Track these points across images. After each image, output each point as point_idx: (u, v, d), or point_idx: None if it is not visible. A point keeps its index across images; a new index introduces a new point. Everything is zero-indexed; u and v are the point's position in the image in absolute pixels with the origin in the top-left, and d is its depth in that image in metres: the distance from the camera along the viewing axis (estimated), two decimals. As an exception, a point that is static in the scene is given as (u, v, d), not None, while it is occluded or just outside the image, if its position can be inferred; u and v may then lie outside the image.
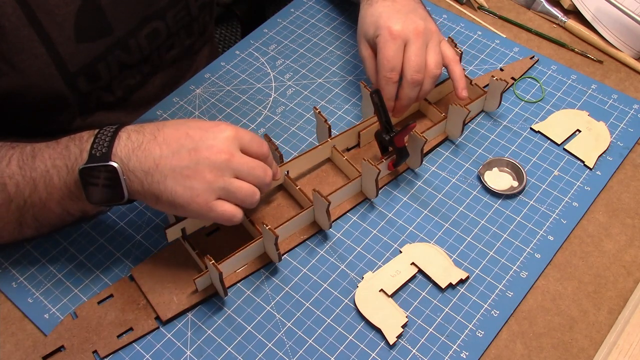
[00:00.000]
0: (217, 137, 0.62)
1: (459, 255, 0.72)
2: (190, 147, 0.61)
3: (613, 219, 0.75)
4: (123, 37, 0.80)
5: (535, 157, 0.80)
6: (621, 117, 0.84)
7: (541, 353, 0.65)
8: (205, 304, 0.69)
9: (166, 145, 0.62)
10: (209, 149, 0.61)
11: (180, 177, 0.61)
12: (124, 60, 0.82)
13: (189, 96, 0.89)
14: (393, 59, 0.74)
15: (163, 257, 0.71)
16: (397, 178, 0.79)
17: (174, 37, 0.88)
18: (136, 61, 0.84)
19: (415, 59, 0.74)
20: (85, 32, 0.75)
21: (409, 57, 0.74)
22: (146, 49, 0.84)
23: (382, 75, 0.75)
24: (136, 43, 0.82)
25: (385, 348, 0.66)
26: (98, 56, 0.78)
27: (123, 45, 0.80)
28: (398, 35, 0.74)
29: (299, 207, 0.75)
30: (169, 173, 0.61)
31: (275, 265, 0.72)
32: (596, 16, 0.92)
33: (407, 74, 0.74)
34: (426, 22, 0.77)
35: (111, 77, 0.82)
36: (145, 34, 0.82)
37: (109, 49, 0.79)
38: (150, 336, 0.67)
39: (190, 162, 0.61)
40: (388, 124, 0.74)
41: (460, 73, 0.78)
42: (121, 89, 0.85)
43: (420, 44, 0.75)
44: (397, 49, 0.74)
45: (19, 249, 0.74)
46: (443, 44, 0.78)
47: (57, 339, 0.66)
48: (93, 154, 0.61)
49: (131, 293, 0.69)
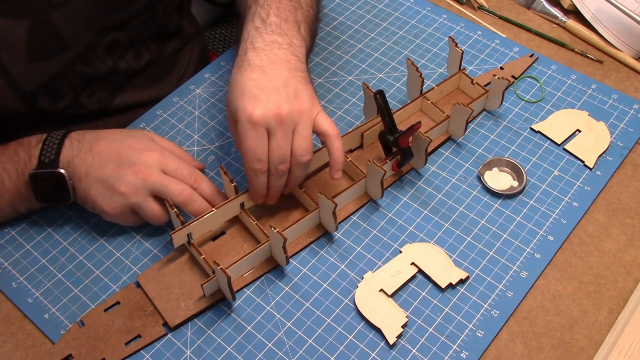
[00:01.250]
0: (141, 158, 0.69)
1: (459, 255, 0.72)
2: (116, 163, 0.69)
3: (613, 219, 0.75)
4: (81, 51, 0.77)
5: (535, 157, 0.80)
6: (621, 117, 0.84)
7: (541, 353, 0.65)
8: (205, 304, 0.69)
9: (98, 157, 0.69)
10: (130, 168, 0.69)
11: (102, 187, 0.69)
12: (88, 73, 0.80)
13: (189, 96, 0.89)
14: (256, 149, 0.65)
15: (169, 262, 0.71)
16: (399, 179, 0.79)
17: (139, 45, 0.85)
18: (102, 73, 0.81)
19: (277, 150, 0.66)
20: (38, 51, 0.74)
21: (272, 148, 0.66)
22: (108, 60, 0.81)
23: (248, 166, 0.67)
24: (96, 55, 0.80)
25: (385, 348, 0.66)
26: (55, 73, 0.76)
27: (83, 60, 0.78)
28: (258, 123, 0.64)
29: (303, 210, 0.75)
30: (94, 183, 0.69)
31: (275, 267, 0.72)
32: (596, 16, 0.92)
33: (271, 166, 0.67)
34: (296, 99, 0.67)
35: (76, 92, 0.80)
36: (104, 45, 0.80)
37: (68, 65, 0.77)
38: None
39: (111, 177, 0.68)
40: (392, 125, 0.74)
41: (337, 149, 0.69)
42: (94, 103, 0.83)
43: (284, 131, 0.65)
44: (258, 138, 0.65)
45: (19, 249, 0.74)
46: (319, 118, 0.68)
47: (64, 348, 0.66)
48: (42, 160, 0.69)
49: (138, 300, 0.69)
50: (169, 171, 0.70)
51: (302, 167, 0.69)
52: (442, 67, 0.90)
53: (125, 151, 0.70)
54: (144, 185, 0.69)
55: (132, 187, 0.68)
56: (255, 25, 0.72)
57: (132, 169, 0.69)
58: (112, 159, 0.69)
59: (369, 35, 0.95)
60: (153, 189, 0.69)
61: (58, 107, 0.79)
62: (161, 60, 0.91)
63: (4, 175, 0.70)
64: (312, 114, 0.68)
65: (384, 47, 0.93)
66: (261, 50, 0.69)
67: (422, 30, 0.95)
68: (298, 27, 0.75)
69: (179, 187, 0.70)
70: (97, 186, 0.69)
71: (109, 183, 0.68)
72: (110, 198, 0.69)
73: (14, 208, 0.73)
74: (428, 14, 0.97)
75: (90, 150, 0.70)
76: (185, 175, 0.71)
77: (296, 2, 0.78)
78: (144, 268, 0.72)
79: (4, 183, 0.70)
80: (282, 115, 0.65)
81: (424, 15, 0.97)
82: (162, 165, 0.70)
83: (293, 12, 0.76)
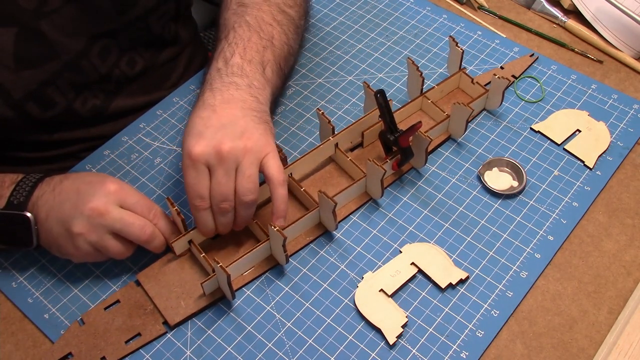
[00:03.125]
0: (96, 194, 0.65)
1: (459, 255, 0.72)
2: (73, 201, 0.65)
3: (613, 219, 0.75)
4: (72, 60, 0.77)
5: (535, 157, 0.80)
6: (621, 117, 0.84)
7: (541, 353, 0.65)
8: (205, 304, 0.69)
9: (58, 197, 0.66)
10: (85, 205, 0.64)
11: (62, 229, 0.65)
12: (78, 81, 0.79)
13: (189, 96, 0.89)
14: (195, 185, 0.65)
15: (169, 261, 0.71)
16: (399, 178, 0.79)
17: (132, 52, 0.84)
18: (93, 80, 0.80)
19: (218, 188, 0.65)
20: (27, 59, 0.73)
21: (212, 186, 0.65)
22: (102, 67, 0.80)
23: (190, 203, 0.66)
24: (89, 63, 0.79)
25: (385, 348, 0.66)
26: (44, 81, 0.75)
27: (73, 68, 0.77)
28: (197, 160, 0.64)
29: (303, 209, 0.75)
30: (54, 224, 0.66)
31: (275, 266, 0.72)
32: (596, 16, 0.92)
33: (213, 203, 0.66)
34: (242, 137, 0.65)
35: (67, 100, 0.79)
36: (96, 52, 0.79)
37: (57, 72, 0.76)
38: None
39: (69, 217, 0.65)
40: (392, 124, 0.74)
41: (280, 196, 0.67)
42: (88, 110, 0.82)
43: (225, 169, 0.64)
44: (198, 175, 0.64)
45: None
46: (268, 159, 0.66)
47: (64, 346, 0.66)
48: (11, 200, 0.67)
49: (138, 298, 0.69)
50: (127, 205, 0.66)
51: (246, 207, 0.66)
52: (442, 67, 0.90)
53: (83, 187, 0.66)
54: (100, 223, 0.65)
55: (89, 226, 0.65)
56: (217, 66, 0.72)
57: (88, 206, 0.64)
58: (70, 197, 0.66)
59: (369, 35, 0.95)
60: (112, 227, 0.65)
61: (49, 114, 0.78)
62: (156, 67, 0.89)
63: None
64: (259, 153, 0.66)
65: (384, 47, 0.93)
66: (217, 90, 0.69)
67: (422, 30, 0.95)
68: (263, 68, 0.74)
69: (139, 224, 0.66)
70: (58, 228, 0.66)
71: (67, 224, 0.65)
72: (71, 239, 0.65)
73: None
74: (428, 14, 0.97)
75: (53, 191, 0.67)
76: (144, 210, 0.67)
77: (267, 41, 0.77)
78: (144, 268, 0.72)
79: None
80: (223, 152, 0.64)
81: (424, 15, 0.97)
82: (120, 199, 0.66)
83: (260, 52, 0.75)
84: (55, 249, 0.69)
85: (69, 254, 0.67)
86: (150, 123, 0.86)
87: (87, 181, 0.67)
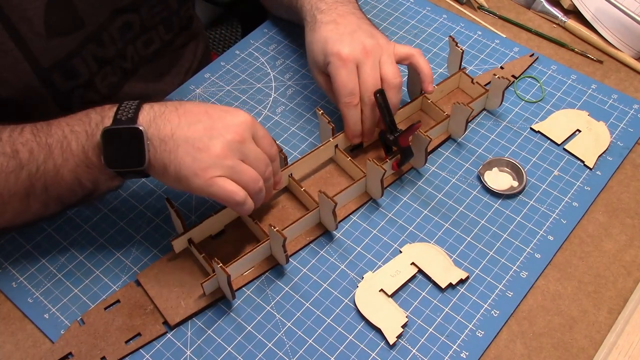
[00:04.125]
0: (234, 120, 0.64)
1: (459, 255, 0.72)
2: (207, 123, 0.63)
3: (613, 219, 0.75)
4: (95, 31, 0.78)
5: (535, 157, 0.80)
6: (621, 117, 0.84)
7: (541, 353, 0.65)
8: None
9: (185, 117, 0.63)
10: (225, 128, 0.63)
11: (192, 148, 0.62)
12: (99, 54, 0.81)
13: (189, 96, 0.89)
14: (348, 83, 0.72)
15: (169, 261, 0.71)
16: (399, 178, 0.79)
17: (152, 32, 0.87)
18: (112, 56, 0.83)
19: (369, 80, 0.72)
20: (56, 27, 0.74)
21: (364, 79, 0.73)
22: (119, 42, 0.83)
23: (342, 101, 0.73)
24: (109, 36, 0.81)
25: (385, 348, 0.66)
26: (72, 51, 0.77)
27: (96, 40, 0.79)
28: (348, 59, 0.72)
29: (304, 209, 0.75)
30: (182, 143, 0.62)
31: (275, 266, 0.72)
32: (596, 16, 0.92)
33: (365, 95, 0.73)
34: (373, 37, 0.75)
35: (90, 73, 0.81)
36: (117, 27, 0.81)
37: (82, 43, 0.78)
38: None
39: (204, 136, 0.62)
40: (392, 124, 0.74)
41: (424, 63, 0.77)
42: (105, 87, 0.84)
43: (372, 62, 0.73)
44: (349, 73, 0.72)
45: (19, 249, 0.74)
46: (397, 48, 0.76)
47: (64, 346, 0.66)
48: (118, 118, 0.63)
49: (138, 298, 0.69)
50: (258, 134, 0.66)
51: (396, 90, 0.74)
52: (442, 67, 0.90)
53: (214, 112, 0.64)
54: (239, 149, 0.63)
55: (228, 150, 0.62)
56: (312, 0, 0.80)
57: (226, 129, 0.63)
58: (202, 119, 0.63)
59: (369, 35, 0.95)
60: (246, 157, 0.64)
61: (71, 85, 0.80)
62: (168, 52, 0.92)
63: (71, 137, 0.63)
64: (390, 47, 0.75)
65: (384, 47, 0.93)
66: (327, 10, 0.78)
67: (422, 30, 0.95)
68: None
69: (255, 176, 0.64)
70: (185, 146, 0.62)
71: (202, 144, 0.62)
72: (201, 160, 0.61)
73: (77, 177, 0.64)
74: (428, 14, 0.97)
75: (176, 111, 0.64)
76: (268, 142, 0.67)
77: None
78: (143, 268, 0.72)
79: (70, 146, 0.63)
80: (367, 48, 0.73)
81: (424, 15, 0.97)
82: (254, 128, 0.65)
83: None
84: (172, 170, 0.62)
85: (193, 174, 0.62)
86: (150, 123, 0.86)
87: (217, 107, 0.65)
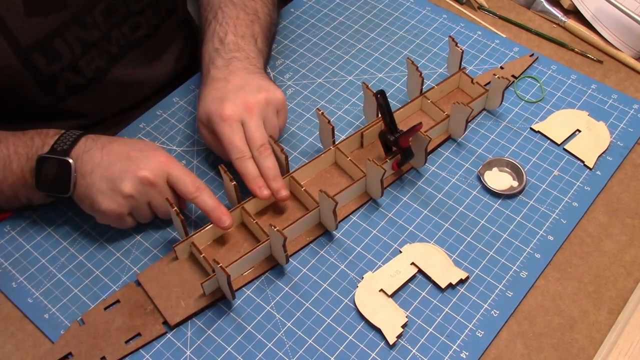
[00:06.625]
0: (149, 162, 0.70)
1: (459, 255, 0.72)
2: (124, 165, 0.69)
3: (613, 219, 0.75)
4: (78, 13, 0.78)
5: (535, 157, 0.80)
6: (621, 117, 0.84)
7: (541, 353, 0.65)
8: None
9: (107, 157, 0.70)
10: (139, 170, 0.69)
11: (106, 186, 0.69)
12: (83, 37, 0.80)
13: (189, 96, 0.89)
14: (235, 141, 0.72)
15: (169, 261, 0.71)
16: (399, 178, 0.79)
17: (139, 16, 0.87)
18: (96, 39, 0.82)
19: (255, 135, 0.73)
20: (36, 6, 0.74)
21: (249, 135, 0.73)
22: (103, 25, 0.82)
23: (233, 159, 0.73)
24: (92, 19, 0.80)
25: (385, 348, 0.66)
26: (53, 31, 0.77)
27: (79, 22, 0.79)
28: (230, 118, 0.72)
29: (304, 209, 0.75)
30: (98, 181, 0.69)
31: (275, 266, 0.72)
32: (596, 16, 0.92)
33: (254, 150, 0.73)
34: (260, 92, 0.74)
35: (74, 55, 0.80)
36: (100, 9, 0.81)
37: (64, 24, 0.77)
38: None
39: (119, 177, 0.68)
40: (393, 125, 0.74)
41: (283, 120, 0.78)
42: (92, 71, 0.83)
43: (256, 119, 0.73)
44: (234, 131, 0.72)
45: (19, 249, 0.74)
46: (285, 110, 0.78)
47: (64, 346, 0.66)
48: (54, 147, 0.70)
49: (138, 298, 0.69)
50: (173, 177, 0.70)
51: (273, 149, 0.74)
52: (442, 67, 0.90)
53: (134, 153, 0.70)
54: (148, 192, 0.70)
55: (138, 191, 0.69)
56: (214, 47, 0.80)
57: (142, 172, 0.69)
58: (121, 160, 0.70)
59: (369, 35, 0.95)
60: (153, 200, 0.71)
61: (55, 68, 0.79)
62: (157, 37, 0.91)
63: (14, 158, 0.71)
64: (277, 104, 0.76)
65: (384, 47, 0.93)
66: (221, 66, 0.78)
67: (422, 30, 0.95)
68: (255, 40, 0.82)
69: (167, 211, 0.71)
70: (101, 184, 0.69)
71: (115, 184, 0.68)
72: (112, 198, 0.69)
73: (15, 193, 0.73)
74: (428, 14, 0.97)
75: (101, 149, 0.70)
76: (188, 183, 0.70)
77: (253, 15, 0.84)
78: (144, 268, 0.72)
79: (11, 165, 0.71)
80: (251, 105, 0.73)
81: (424, 15, 0.97)
82: (169, 169, 0.70)
83: (250, 27, 0.83)
84: (87, 203, 0.70)
85: (101, 210, 0.69)
86: (150, 123, 0.86)
87: (139, 148, 0.71)
